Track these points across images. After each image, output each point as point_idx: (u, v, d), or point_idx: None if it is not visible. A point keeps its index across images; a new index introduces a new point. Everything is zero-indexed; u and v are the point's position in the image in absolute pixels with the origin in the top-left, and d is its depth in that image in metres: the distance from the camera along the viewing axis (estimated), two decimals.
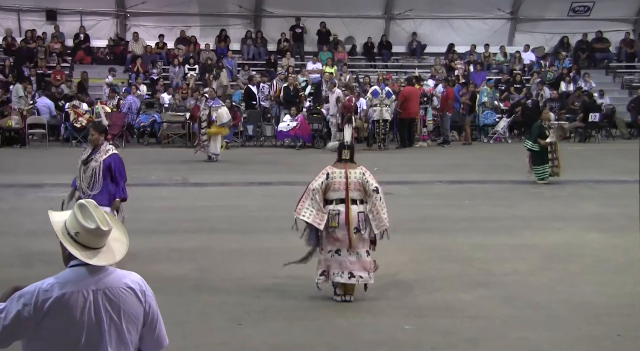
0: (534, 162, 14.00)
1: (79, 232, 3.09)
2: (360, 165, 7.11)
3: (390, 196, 9.91)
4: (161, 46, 24.52)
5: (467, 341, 6.13)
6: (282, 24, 25.88)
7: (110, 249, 3.17)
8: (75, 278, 3.09)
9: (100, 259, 3.12)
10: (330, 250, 6.96)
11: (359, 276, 6.92)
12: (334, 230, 6.90)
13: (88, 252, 3.10)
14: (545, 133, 13.97)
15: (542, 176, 13.88)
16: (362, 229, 6.88)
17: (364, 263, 6.94)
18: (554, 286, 7.59)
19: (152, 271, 7.99)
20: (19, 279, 7.22)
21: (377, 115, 19.41)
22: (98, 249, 3.13)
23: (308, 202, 6.92)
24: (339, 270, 6.91)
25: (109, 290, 3.11)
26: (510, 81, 23.94)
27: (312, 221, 6.87)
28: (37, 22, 24.81)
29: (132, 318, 3.15)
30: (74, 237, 3.10)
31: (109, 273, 3.15)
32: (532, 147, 13.97)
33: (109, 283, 3.12)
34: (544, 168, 13.89)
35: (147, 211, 11.21)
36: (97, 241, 3.12)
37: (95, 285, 3.09)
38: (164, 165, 16.18)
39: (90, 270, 3.11)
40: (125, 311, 3.13)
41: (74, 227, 3.11)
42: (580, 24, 27.03)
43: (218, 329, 6.36)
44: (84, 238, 3.10)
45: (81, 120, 19.77)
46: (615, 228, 10.24)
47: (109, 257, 3.14)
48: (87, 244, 3.10)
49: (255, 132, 21.07)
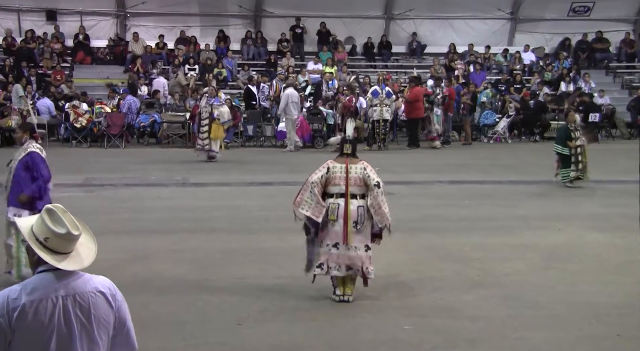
0: (563, 165, 13.53)
1: (49, 237, 3.05)
2: (362, 160, 7.10)
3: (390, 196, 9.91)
4: (161, 46, 24.53)
5: (467, 341, 6.13)
6: (282, 24, 25.89)
7: (79, 253, 3.13)
8: (43, 284, 3.05)
9: (69, 264, 3.07)
10: (329, 244, 6.97)
11: (356, 269, 6.93)
12: (332, 223, 6.91)
13: (58, 256, 3.06)
14: (572, 136, 13.50)
15: (566, 179, 13.49)
16: (360, 223, 6.88)
17: (361, 257, 6.94)
18: (554, 286, 7.59)
19: (152, 271, 8.01)
20: (18, 280, 7.24)
21: (377, 115, 19.40)
22: (67, 254, 3.09)
23: (307, 194, 6.93)
24: (336, 264, 6.93)
25: (79, 295, 3.07)
26: (510, 81, 23.94)
27: (311, 214, 6.87)
28: (37, 22, 24.82)
29: (102, 323, 3.12)
30: (43, 243, 3.05)
31: (77, 277, 3.11)
32: (562, 151, 13.47)
33: (79, 288, 3.08)
34: (567, 172, 13.46)
35: (147, 211, 11.22)
36: (67, 246, 3.08)
37: (64, 290, 3.05)
38: (164, 165, 16.17)
39: (58, 275, 3.06)
40: (96, 315, 3.09)
41: (43, 232, 3.06)
42: (580, 24, 27.04)
43: (218, 329, 6.36)
44: (53, 243, 3.06)
45: (81, 120, 19.78)
46: (615, 228, 10.24)
47: (77, 261, 3.10)
48: (56, 249, 3.06)
49: (255, 132, 21.06)
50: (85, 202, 11.36)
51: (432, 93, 20.23)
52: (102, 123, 19.84)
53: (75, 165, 16.18)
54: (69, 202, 11.81)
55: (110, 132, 19.82)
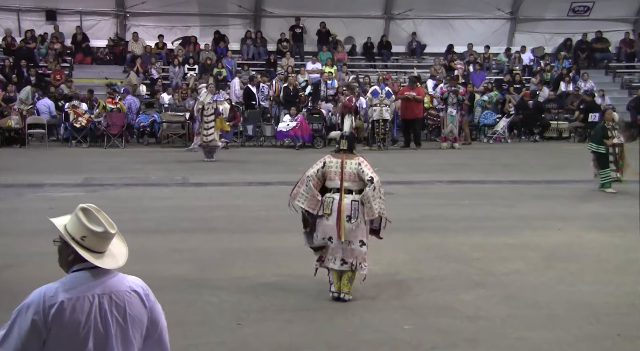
0: (600, 166, 13.15)
1: (86, 235, 3.06)
2: (359, 156, 7.12)
3: (390, 196, 9.90)
4: (161, 46, 24.53)
5: (467, 341, 6.13)
6: (282, 24, 25.89)
7: (112, 253, 3.14)
8: (80, 282, 3.05)
9: (106, 262, 3.09)
10: (324, 238, 7.01)
11: (350, 263, 6.95)
12: (327, 217, 6.94)
13: (95, 255, 3.07)
14: (609, 134, 13.18)
15: (605, 181, 13.07)
16: (354, 218, 6.90)
17: (354, 251, 6.96)
18: (554, 286, 7.59)
19: (152, 271, 7.99)
20: (18, 279, 7.25)
21: (377, 115, 19.41)
22: (102, 253, 3.10)
23: (303, 188, 7.01)
24: (332, 256, 6.98)
25: (115, 294, 3.07)
26: (510, 81, 23.95)
27: (307, 207, 6.96)
28: (37, 22, 24.81)
29: (137, 322, 3.12)
30: (79, 241, 3.05)
31: (112, 276, 3.12)
32: (597, 149, 13.11)
33: (114, 287, 3.09)
34: (606, 173, 13.09)
35: (147, 211, 11.22)
36: (103, 245, 3.10)
37: (100, 289, 3.05)
38: (164, 165, 16.18)
39: (95, 274, 3.07)
40: (131, 315, 3.09)
41: (79, 231, 3.07)
42: (580, 24, 27.04)
43: (218, 329, 6.36)
44: (90, 242, 3.06)
45: (81, 120, 19.78)
46: (615, 228, 10.24)
47: (113, 261, 3.12)
48: (92, 248, 3.07)
49: (255, 132, 21.07)
50: (84, 202, 11.31)
51: (445, 92, 20.19)
52: (102, 123, 19.84)
53: (75, 165, 16.20)
54: (69, 201, 11.84)
55: (110, 132, 19.83)
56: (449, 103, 19.91)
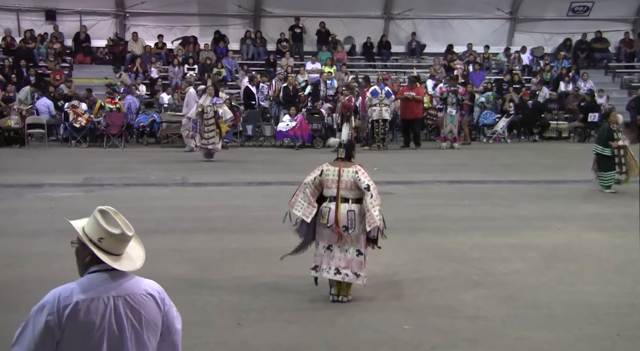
0: (600, 168, 13.00)
1: (103, 237, 3.05)
2: (356, 164, 7.10)
3: (390, 196, 9.91)
4: (161, 46, 24.52)
5: (467, 341, 6.13)
6: (282, 24, 25.90)
7: (130, 256, 3.14)
8: (96, 284, 3.03)
9: (123, 264, 3.08)
10: (324, 246, 6.99)
11: (344, 274, 6.92)
12: (324, 226, 6.93)
13: (112, 257, 3.06)
14: (614, 136, 13.00)
15: (608, 183, 12.95)
16: (351, 228, 6.88)
17: (350, 261, 6.93)
18: (554, 286, 7.59)
19: (152, 271, 7.97)
20: (18, 279, 7.25)
21: (376, 115, 19.41)
22: (120, 255, 3.09)
23: (301, 195, 7.00)
24: (327, 266, 6.95)
25: (130, 297, 3.06)
26: (510, 81, 23.96)
27: (302, 214, 6.95)
28: (37, 22, 24.81)
29: (152, 326, 3.10)
30: (97, 243, 3.05)
31: (128, 278, 3.11)
32: (603, 151, 12.91)
33: (130, 290, 3.07)
34: (611, 175, 12.93)
35: (147, 211, 11.20)
36: (120, 247, 3.09)
37: (116, 291, 3.04)
38: (163, 165, 16.17)
39: (111, 275, 3.06)
40: (147, 318, 3.08)
41: (97, 233, 3.06)
42: (579, 24, 27.06)
43: (218, 329, 6.36)
44: (107, 244, 3.06)
45: (80, 120, 19.78)
46: (615, 228, 10.24)
47: (130, 263, 3.11)
48: (110, 250, 3.06)
49: (254, 132, 21.08)
50: (84, 202, 11.35)
51: (444, 91, 20.19)
52: (102, 123, 19.84)
53: (75, 165, 16.19)
54: (69, 202, 11.85)
55: (109, 132, 19.83)
56: (448, 103, 19.89)
